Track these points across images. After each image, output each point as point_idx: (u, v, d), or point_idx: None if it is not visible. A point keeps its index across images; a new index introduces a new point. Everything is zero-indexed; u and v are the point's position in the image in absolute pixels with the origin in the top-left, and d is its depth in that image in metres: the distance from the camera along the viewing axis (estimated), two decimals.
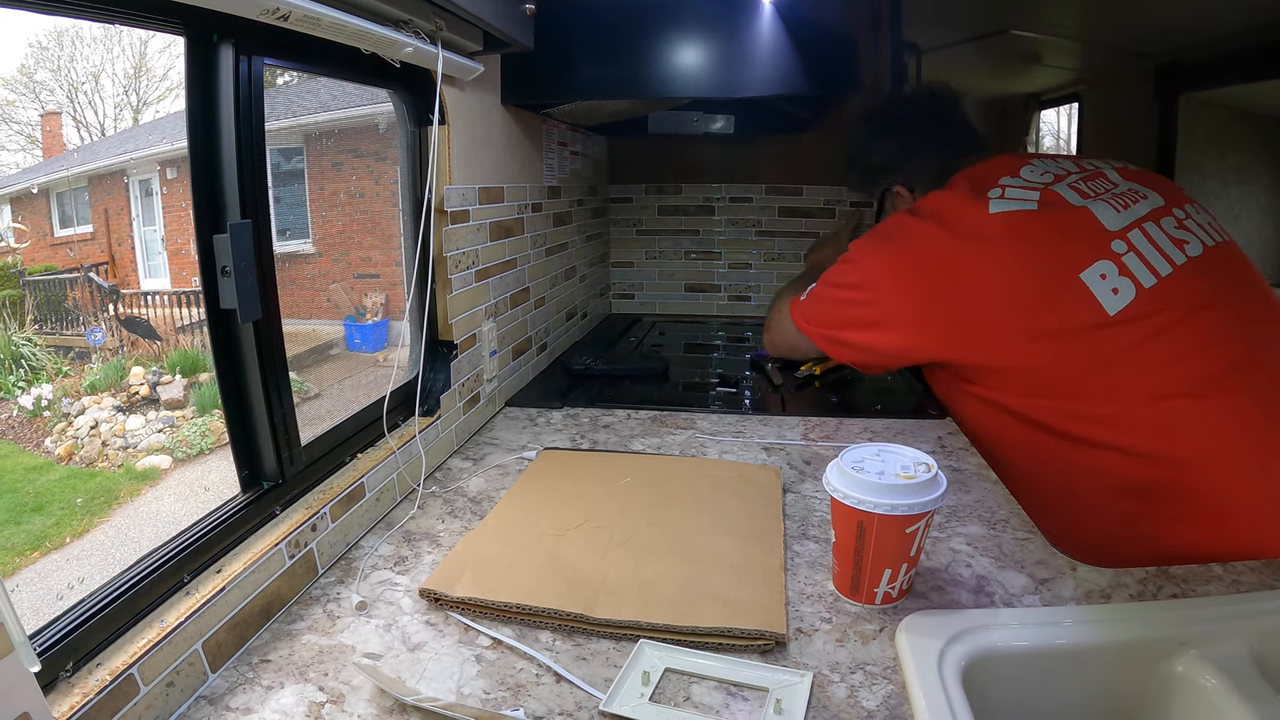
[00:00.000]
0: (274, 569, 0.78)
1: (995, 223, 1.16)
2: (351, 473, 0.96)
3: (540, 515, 0.99)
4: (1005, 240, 1.14)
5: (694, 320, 2.37)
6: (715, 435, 1.30)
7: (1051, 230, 1.14)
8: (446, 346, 1.22)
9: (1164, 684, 0.73)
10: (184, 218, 2.14)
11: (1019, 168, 1.23)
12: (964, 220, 1.18)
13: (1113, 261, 1.11)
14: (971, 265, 1.15)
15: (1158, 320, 1.08)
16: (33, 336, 1.94)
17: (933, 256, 1.18)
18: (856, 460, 0.80)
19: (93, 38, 1.97)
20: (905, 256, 1.22)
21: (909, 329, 1.21)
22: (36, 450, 1.93)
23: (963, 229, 1.17)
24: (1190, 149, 3.32)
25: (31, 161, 1.94)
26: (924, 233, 1.21)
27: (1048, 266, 1.12)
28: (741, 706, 0.65)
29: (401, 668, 0.71)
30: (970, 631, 0.73)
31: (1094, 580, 0.84)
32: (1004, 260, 1.14)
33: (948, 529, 0.97)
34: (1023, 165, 1.24)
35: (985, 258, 1.15)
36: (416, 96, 1.12)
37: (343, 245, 2.68)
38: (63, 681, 0.57)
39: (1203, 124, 3.30)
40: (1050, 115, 4.62)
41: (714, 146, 2.32)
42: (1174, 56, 3.18)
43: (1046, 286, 1.12)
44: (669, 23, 1.34)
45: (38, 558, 1.70)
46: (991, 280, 1.14)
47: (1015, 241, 1.14)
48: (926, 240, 1.20)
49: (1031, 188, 1.19)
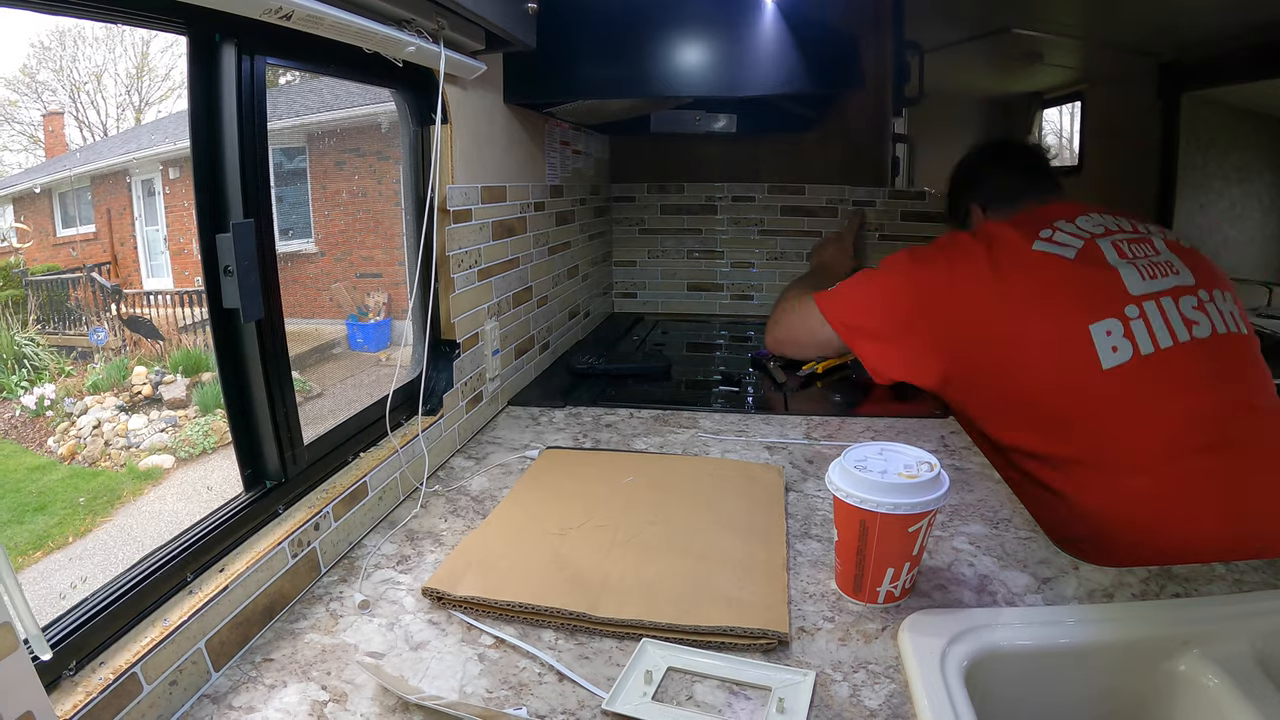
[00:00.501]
0: (277, 568, 0.78)
1: (1033, 259, 1.25)
2: (354, 472, 0.96)
3: (543, 514, 0.99)
4: (1034, 276, 1.24)
5: (696, 319, 2.37)
6: (718, 434, 1.30)
7: (1077, 280, 1.22)
8: (449, 345, 1.22)
9: (1167, 683, 0.73)
10: (186, 217, 2.14)
11: (1077, 215, 1.32)
12: (1008, 252, 1.27)
13: (1120, 322, 1.18)
14: (990, 297, 1.25)
15: (1144, 387, 1.16)
16: (35, 336, 1.94)
17: (960, 281, 1.28)
18: (859, 459, 0.80)
19: (95, 38, 1.97)
20: (937, 273, 1.32)
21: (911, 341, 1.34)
22: (39, 450, 1.94)
23: (1003, 261, 1.26)
24: (1193, 148, 3.31)
25: (34, 161, 1.94)
26: (969, 256, 1.30)
27: (1061, 310, 1.21)
28: (744, 705, 0.65)
29: (404, 667, 0.71)
30: (973, 631, 0.73)
31: (1096, 579, 0.84)
32: (1027, 293, 1.23)
33: (950, 528, 0.97)
34: (1081, 214, 1.33)
35: (1009, 291, 1.24)
36: (419, 96, 1.12)
37: (345, 245, 2.68)
38: (66, 680, 0.57)
39: (1205, 123, 3.29)
40: (1053, 114, 4.62)
41: (716, 145, 2.31)
42: (1176, 55, 3.18)
43: (1053, 327, 1.20)
44: (671, 22, 1.33)
45: (41, 557, 1.70)
46: (1003, 310, 1.24)
47: (1043, 281, 1.23)
48: (966, 266, 1.29)
49: (1078, 236, 1.27)
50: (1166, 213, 3.34)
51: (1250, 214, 3.40)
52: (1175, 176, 3.33)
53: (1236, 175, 3.35)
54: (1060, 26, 3.18)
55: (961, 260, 1.30)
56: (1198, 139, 3.29)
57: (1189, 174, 3.31)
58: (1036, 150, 1.65)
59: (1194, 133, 3.28)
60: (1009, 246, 1.28)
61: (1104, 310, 1.18)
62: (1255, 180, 3.35)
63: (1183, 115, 3.27)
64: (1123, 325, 1.17)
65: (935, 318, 1.31)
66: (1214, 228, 3.39)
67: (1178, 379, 1.15)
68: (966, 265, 1.29)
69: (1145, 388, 1.15)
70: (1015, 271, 1.25)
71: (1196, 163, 3.31)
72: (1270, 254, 3.40)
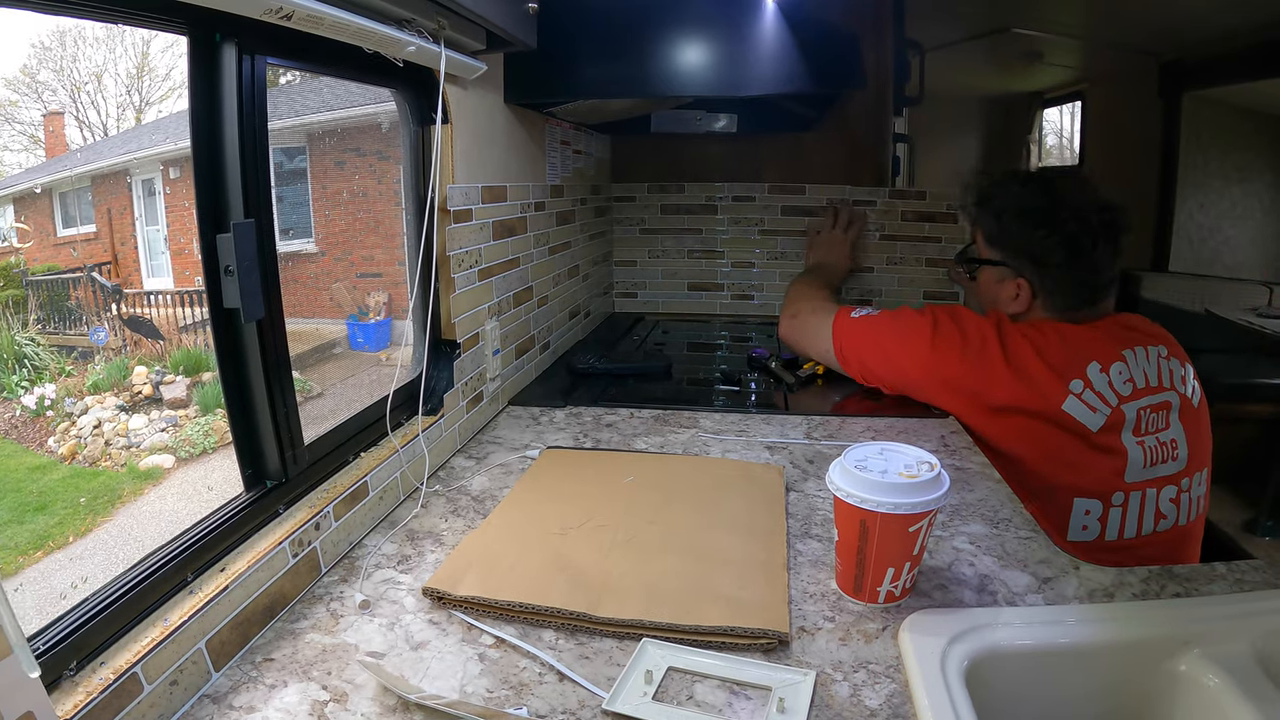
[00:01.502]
0: (277, 568, 0.78)
1: (1059, 417, 1.25)
2: (355, 472, 0.96)
3: (543, 514, 0.99)
4: (1049, 434, 1.25)
5: (697, 319, 2.37)
6: (718, 434, 1.30)
7: (1087, 456, 1.24)
8: (449, 345, 1.22)
9: (1167, 683, 0.73)
10: (187, 217, 2.14)
11: (1111, 363, 1.27)
12: (1036, 396, 1.26)
13: (1103, 505, 1.25)
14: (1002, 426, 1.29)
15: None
16: (36, 336, 1.94)
17: (981, 393, 1.31)
18: (860, 459, 0.80)
19: (95, 38, 1.97)
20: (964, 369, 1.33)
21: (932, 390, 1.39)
22: (40, 450, 1.93)
23: (1027, 401, 1.27)
24: (1193, 147, 3.31)
25: (34, 161, 1.93)
26: (993, 372, 1.30)
27: (1060, 476, 1.25)
28: (744, 705, 0.65)
29: (405, 666, 0.71)
30: (973, 630, 0.73)
31: (1097, 579, 0.84)
32: (1038, 446, 1.26)
33: (950, 528, 0.96)
34: (1115, 361, 1.27)
35: (1019, 433, 1.27)
36: (419, 95, 1.12)
37: (345, 244, 2.67)
38: (66, 680, 0.57)
39: (1206, 122, 3.29)
40: (1053, 113, 4.62)
41: (717, 145, 2.31)
42: (1177, 55, 3.18)
43: (1044, 483, 1.25)
44: (672, 21, 1.33)
45: (41, 557, 1.70)
46: (1007, 443, 1.28)
47: (1057, 443, 1.25)
48: (988, 380, 1.30)
49: (1107, 400, 1.25)
50: (1167, 213, 3.34)
51: (1251, 214, 3.39)
52: (1176, 176, 3.32)
53: (1237, 175, 3.35)
54: (1061, 26, 3.18)
55: (986, 370, 1.31)
56: (1198, 139, 3.29)
57: (1189, 174, 3.31)
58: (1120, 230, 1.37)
59: (1195, 132, 3.28)
60: (1039, 390, 1.26)
61: (1095, 490, 1.25)
62: (1256, 180, 3.35)
63: (1183, 115, 3.27)
64: (1103, 508, 1.25)
65: (932, 386, 1.38)
66: (1215, 227, 3.39)
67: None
68: (988, 379, 1.30)
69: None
70: (1034, 421, 1.26)
71: (1197, 162, 3.31)
72: (1271, 254, 3.40)
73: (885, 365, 1.44)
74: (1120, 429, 1.24)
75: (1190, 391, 1.32)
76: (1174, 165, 3.33)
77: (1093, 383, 1.25)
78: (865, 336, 1.48)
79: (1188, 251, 3.36)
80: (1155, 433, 1.26)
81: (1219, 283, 3.22)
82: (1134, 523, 1.25)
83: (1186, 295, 3.11)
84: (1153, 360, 1.29)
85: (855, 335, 1.49)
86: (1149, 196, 3.42)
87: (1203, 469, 1.32)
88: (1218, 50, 2.96)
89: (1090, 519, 1.25)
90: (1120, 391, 1.25)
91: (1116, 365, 1.26)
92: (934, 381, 1.37)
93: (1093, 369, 1.25)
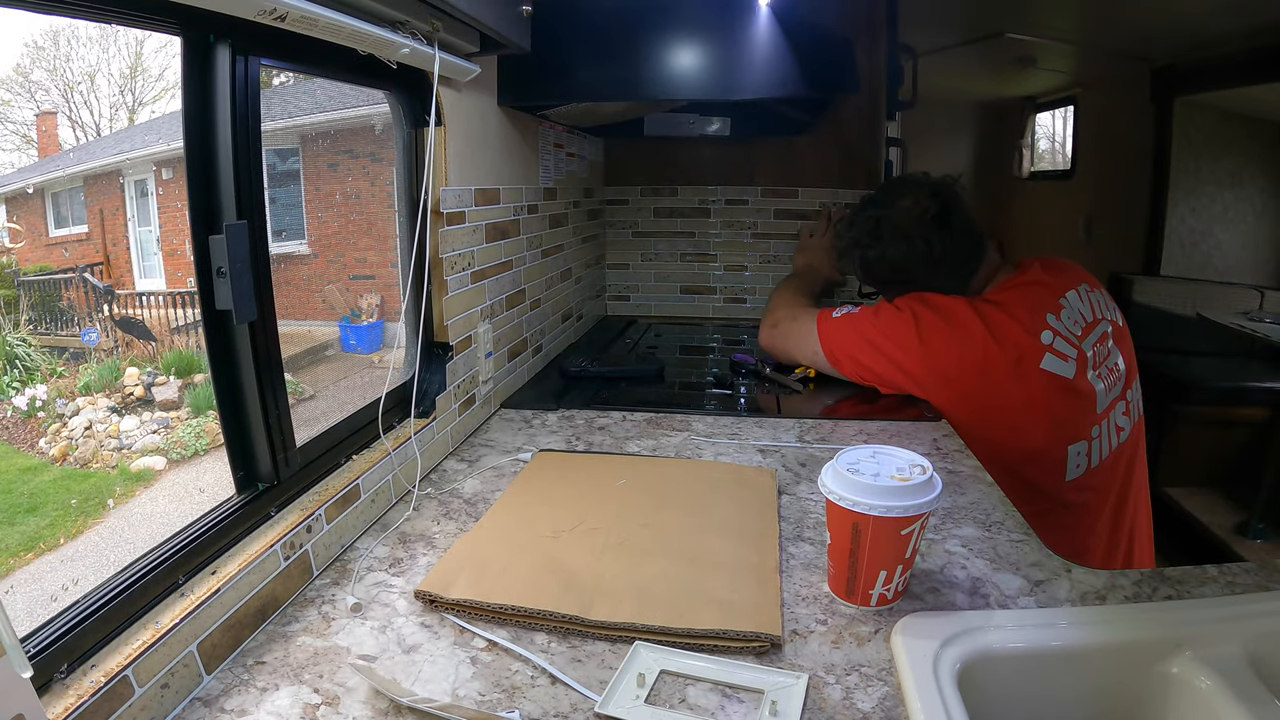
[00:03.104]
0: (269, 571, 0.78)
1: (1039, 376, 1.34)
2: (347, 474, 0.96)
3: (535, 517, 0.99)
4: (1036, 392, 1.34)
5: (689, 322, 2.37)
6: (710, 437, 1.30)
7: (1069, 403, 1.35)
8: (442, 348, 1.22)
9: (1159, 685, 0.73)
10: (180, 218, 2.13)
11: (1060, 310, 1.38)
12: (1017, 353, 1.34)
13: (1088, 442, 1.37)
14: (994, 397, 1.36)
15: (1086, 495, 1.39)
16: (27, 337, 1.93)
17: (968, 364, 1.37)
18: (852, 462, 0.80)
19: (89, 37, 1.96)
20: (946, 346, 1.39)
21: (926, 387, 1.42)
22: (31, 451, 1.93)
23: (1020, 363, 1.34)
24: (1185, 152, 3.33)
25: (27, 161, 1.93)
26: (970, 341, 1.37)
27: (1050, 430, 1.35)
28: (737, 708, 0.65)
29: (397, 669, 0.71)
30: (965, 633, 0.73)
31: (1089, 582, 0.84)
32: (1028, 405, 1.34)
33: (943, 531, 0.97)
34: (1062, 308, 1.39)
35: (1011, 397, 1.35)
36: (413, 98, 1.12)
37: (338, 246, 2.67)
38: (57, 683, 0.57)
39: (1197, 127, 3.31)
40: (1045, 118, 4.64)
41: (710, 149, 2.32)
42: (1169, 60, 3.20)
43: (1039, 441, 1.35)
44: (665, 25, 1.34)
45: (32, 559, 1.69)
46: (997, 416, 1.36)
47: (1043, 400, 1.34)
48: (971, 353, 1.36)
49: (1072, 343, 1.36)
50: (1159, 217, 3.36)
51: (1243, 218, 3.41)
52: (1168, 181, 3.34)
53: (1229, 180, 3.37)
54: (1054, 31, 3.20)
55: (966, 343, 1.37)
56: (1190, 144, 3.31)
57: (1181, 178, 3.33)
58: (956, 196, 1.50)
59: (1186, 137, 3.30)
60: (1019, 349, 1.34)
61: (1081, 432, 1.36)
62: (1248, 184, 3.37)
63: (1175, 120, 3.28)
64: (1088, 444, 1.37)
65: (930, 380, 1.40)
66: (1206, 232, 3.41)
67: (1111, 487, 1.42)
68: (971, 352, 1.36)
69: (1087, 495, 1.39)
70: (1020, 382, 1.34)
71: (1189, 167, 3.33)
72: (1262, 258, 3.42)
73: (879, 360, 1.45)
74: (1086, 369, 1.36)
75: (1115, 314, 1.48)
76: (1166, 170, 3.35)
77: (1058, 330, 1.36)
78: (852, 334, 1.49)
79: (1179, 256, 3.38)
80: (1104, 362, 1.40)
81: (1210, 287, 3.23)
82: (1107, 445, 1.39)
83: (1178, 299, 3.12)
84: (1084, 298, 1.43)
85: (842, 334, 1.50)
86: (1141, 201, 3.44)
87: (1135, 375, 1.48)
88: (1210, 56, 2.98)
89: (1080, 457, 1.36)
90: (1075, 332, 1.37)
91: (1065, 311, 1.39)
92: (931, 376, 1.39)
93: (1050, 318, 1.37)
